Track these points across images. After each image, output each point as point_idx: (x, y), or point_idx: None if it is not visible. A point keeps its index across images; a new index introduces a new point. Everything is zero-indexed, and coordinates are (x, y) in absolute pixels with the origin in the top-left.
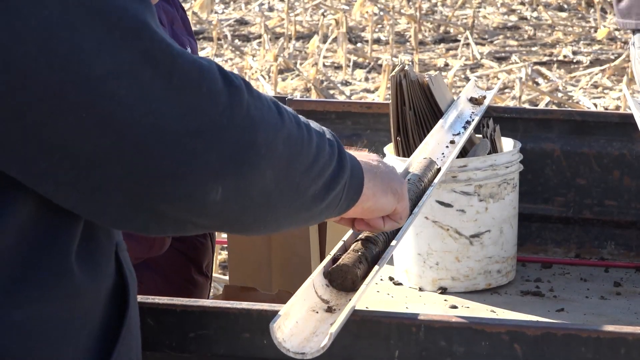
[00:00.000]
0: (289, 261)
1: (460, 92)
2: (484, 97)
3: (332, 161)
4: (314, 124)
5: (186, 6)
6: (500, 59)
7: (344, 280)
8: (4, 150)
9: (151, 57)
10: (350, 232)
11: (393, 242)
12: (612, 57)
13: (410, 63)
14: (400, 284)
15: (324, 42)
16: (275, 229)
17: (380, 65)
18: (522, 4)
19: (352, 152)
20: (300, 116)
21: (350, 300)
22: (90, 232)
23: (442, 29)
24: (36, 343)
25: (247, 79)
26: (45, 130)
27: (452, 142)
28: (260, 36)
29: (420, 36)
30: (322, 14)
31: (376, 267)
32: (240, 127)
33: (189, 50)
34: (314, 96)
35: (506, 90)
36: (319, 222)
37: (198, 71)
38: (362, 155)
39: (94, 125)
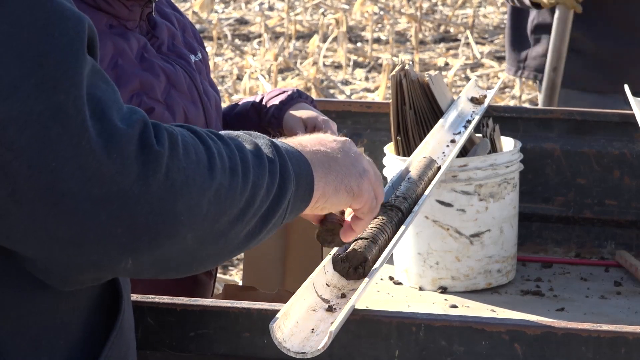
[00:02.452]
0: (302, 262)
1: (460, 91)
2: (485, 97)
3: (271, 192)
4: (250, 144)
5: (186, 5)
6: (500, 59)
7: (355, 263)
8: None
9: (62, 113)
10: None
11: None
12: None
13: (410, 62)
14: (400, 283)
15: (324, 41)
16: (212, 266)
17: (381, 65)
18: None
19: (314, 138)
20: (240, 140)
21: (350, 299)
22: None
23: (442, 28)
24: (7, 355)
25: (247, 78)
26: None
27: (453, 141)
28: (260, 35)
29: (420, 35)
30: (322, 14)
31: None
32: (156, 197)
33: (199, 57)
34: (314, 95)
35: (506, 90)
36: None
37: (109, 135)
38: (324, 143)
39: None
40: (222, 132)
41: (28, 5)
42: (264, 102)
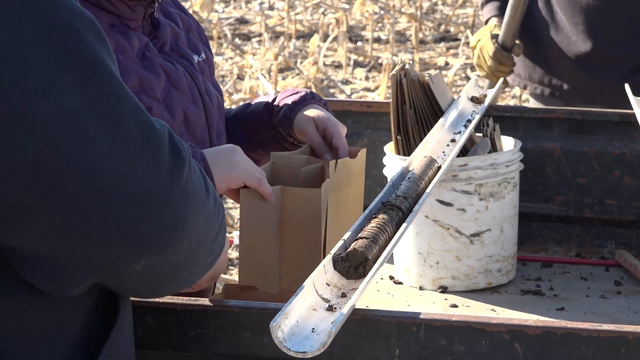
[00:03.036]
0: (300, 263)
1: (460, 91)
2: (485, 96)
3: (218, 214)
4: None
5: (187, 5)
6: None
7: (356, 262)
8: None
9: (99, 109)
10: (350, 231)
11: (396, 236)
12: None
13: (410, 62)
14: (400, 283)
15: (324, 41)
16: (179, 290)
17: (381, 64)
18: None
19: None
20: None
21: (351, 298)
22: None
23: (442, 27)
24: (7, 354)
25: (247, 78)
26: None
27: (453, 140)
28: (260, 35)
29: (420, 35)
30: (323, 13)
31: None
32: (176, 200)
33: (203, 57)
34: None
35: (506, 89)
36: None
37: (145, 133)
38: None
39: (26, 168)
40: None
41: (52, 6)
42: (276, 102)
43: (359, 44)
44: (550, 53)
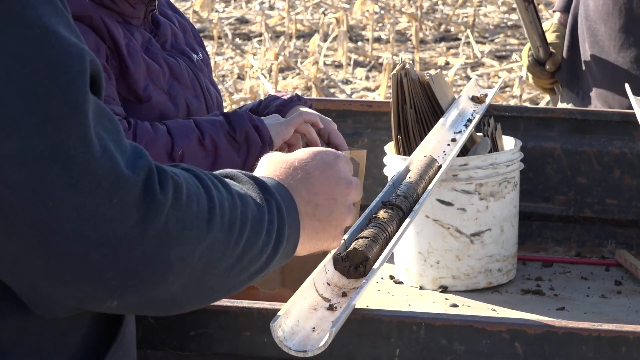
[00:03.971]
0: (302, 263)
1: (461, 90)
2: (485, 96)
3: (264, 252)
4: (255, 199)
5: (187, 5)
6: (501, 58)
7: (356, 262)
8: None
9: (63, 153)
10: (350, 232)
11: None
12: None
13: (411, 62)
14: (400, 282)
15: (325, 40)
16: (191, 309)
17: (381, 64)
18: None
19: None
20: (245, 192)
21: (351, 298)
22: None
23: (442, 27)
24: None
25: (247, 77)
26: None
27: (453, 140)
28: (261, 35)
29: (421, 35)
30: (323, 13)
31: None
32: (151, 243)
33: (200, 57)
34: (314, 95)
35: (507, 89)
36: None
37: (113, 180)
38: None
39: None
40: (231, 174)
41: (31, 41)
42: (262, 105)
43: (360, 43)
44: None
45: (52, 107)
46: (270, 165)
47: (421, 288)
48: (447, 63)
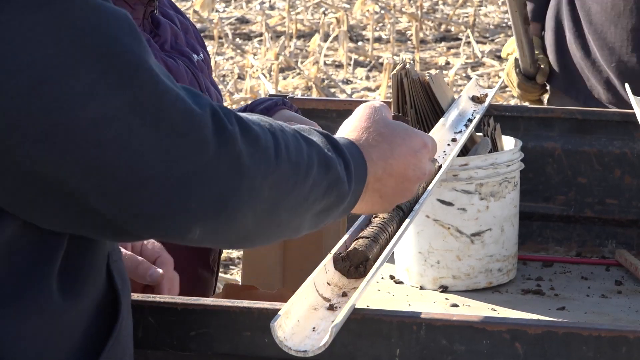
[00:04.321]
0: (302, 263)
1: (461, 90)
2: (486, 96)
3: (331, 194)
4: (326, 146)
5: (187, 5)
6: (501, 58)
7: (356, 261)
8: None
9: (140, 105)
10: (350, 232)
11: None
12: None
13: (411, 61)
14: (401, 282)
15: (325, 40)
16: (264, 244)
17: (382, 64)
18: None
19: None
20: (314, 141)
21: (351, 298)
22: (75, 250)
23: (443, 27)
24: (6, 357)
25: (248, 77)
26: (33, 165)
27: (454, 140)
28: (261, 35)
29: (421, 35)
30: (323, 13)
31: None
32: (225, 175)
33: (201, 57)
34: (315, 95)
35: (507, 89)
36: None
37: (187, 119)
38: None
39: (79, 168)
40: (299, 129)
41: (85, 13)
42: (248, 109)
43: (360, 43)
44: None
45: (119, 67)
46: (356, 131)
47: (421, 288)
48: (447, 63)
